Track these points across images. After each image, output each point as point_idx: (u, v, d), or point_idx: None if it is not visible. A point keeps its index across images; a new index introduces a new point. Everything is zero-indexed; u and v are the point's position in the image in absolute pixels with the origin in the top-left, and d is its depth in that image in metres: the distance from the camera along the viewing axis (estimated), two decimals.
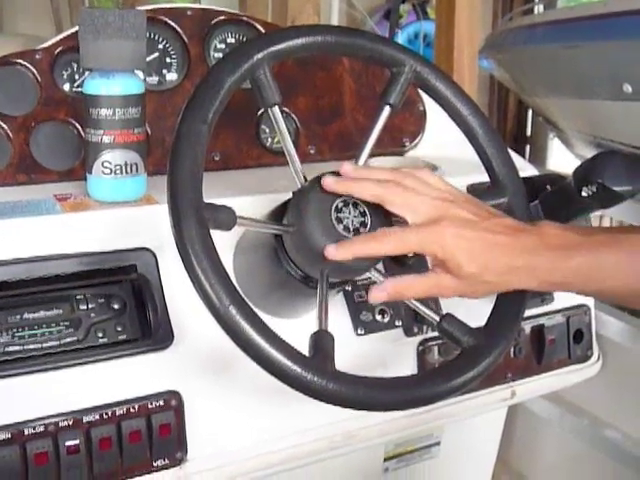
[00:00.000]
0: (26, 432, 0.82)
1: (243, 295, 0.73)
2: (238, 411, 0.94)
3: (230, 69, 0.80)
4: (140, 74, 0.97)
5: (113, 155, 0.93)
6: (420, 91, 0.98)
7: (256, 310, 0.73)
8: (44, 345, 0.86)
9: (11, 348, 0.84)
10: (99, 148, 0.93)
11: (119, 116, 0.92)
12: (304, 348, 0.75)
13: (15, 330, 0.85)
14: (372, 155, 0.90)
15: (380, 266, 0.97)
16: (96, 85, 0.92)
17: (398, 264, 1.05)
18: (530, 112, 4.66)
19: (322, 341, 0.76)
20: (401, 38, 3.78)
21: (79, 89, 1.05)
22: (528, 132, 4.78)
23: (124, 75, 0.92)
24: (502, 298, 0.86)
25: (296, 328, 0.86)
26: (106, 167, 0.94)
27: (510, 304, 0.85)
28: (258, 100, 0.83)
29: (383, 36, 0.84)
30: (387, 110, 0.88)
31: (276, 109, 0.83)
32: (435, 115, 1.25)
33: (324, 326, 0.77)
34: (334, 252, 0.77)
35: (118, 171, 0.94)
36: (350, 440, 1.01)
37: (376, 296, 0.79)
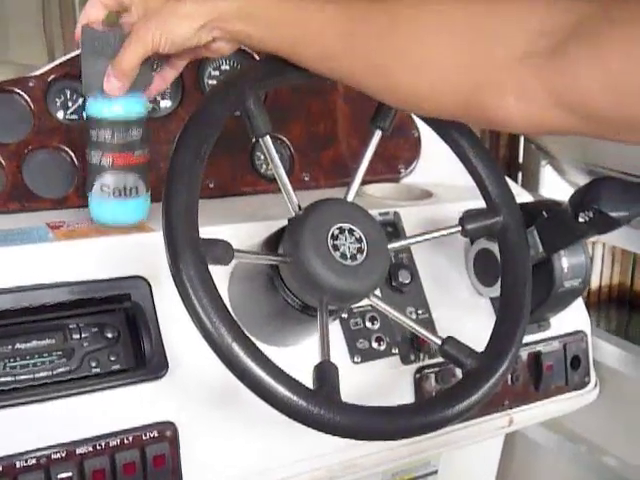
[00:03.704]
0: (18, 465, 0.80)
1: (242, 327, 0.72)
2: (234, 441, 0.92)
3: (220, 100, 0.80)
4: (143, 96, 0.96)
5: (112, 178, 0.92)
6: (415, 117, 0.98)
7: (253, 339, 0.73)
8: (36, 375, 0.84)
9: (2, 379, 0.83)
10: (98, 170, 0.92)
11: (118, 139, 0.91)
12: (304, 375, 0.74)
13: (7, 360, 0.84)
14: (367, 182, 0.90)
15: (377, 292, 0.97)
16: (98, 107, 0.91)
17: (393, 290, 1.05)
18: (522, 139, 4.69)
19: (326, 372, 0.75)
20: None
21: (73, 116, 1.05)
22: (520, 159, 4.81)
23: (126, 97, 0.90)
24: (501, 320, 0.86)
25: (294, 356, 0.86)
26: (105, 190, 0.93)
27: (509, 325, 0.85)
28: (249, 130, 0.83)
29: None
30: (378, 134, 0.88)
31: (267, 139, 0.83)
32: (430, 141, 1.25)
33: (327, 356, 0.76)
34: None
35: (117, 193, 0.93)
36: (349, 469, 0.99)
37: (114, 89, 0.86)
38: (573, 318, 1.20)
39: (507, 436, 1.44)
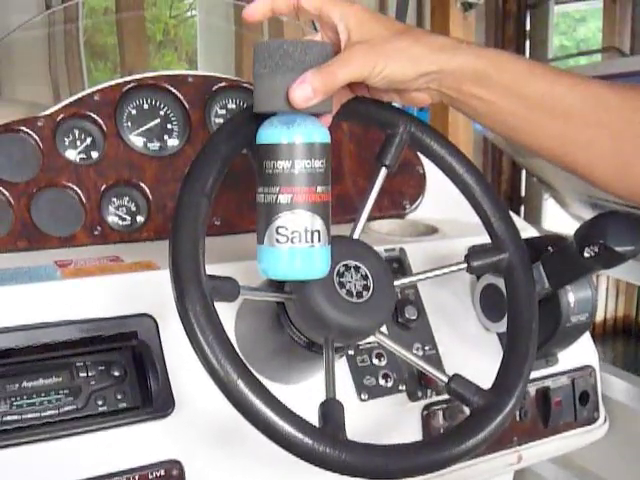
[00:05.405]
0: None
1: (248, 364, 0.72)
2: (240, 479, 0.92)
3: (226, 139, 0.80)
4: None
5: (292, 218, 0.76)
6: (420, 154, 0.99)
7: (259, 376, 0.73)
8: (43, 414, 0.84)
9: (9, 417, 0.83)
10: (273, 210, 0.76)
11: (299, 170, 0.75)
12: (310, 413, 0.74)
13: (13, 399, 0.83)
14: (372, 218, 0.90)
15: (384, 328, 0.97)
16: (275, 133, 0.75)
17: (400, 326, 1.05)
18: (524, 173, 4.71)
19: (332, 410, 0.75)
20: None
21: (81, 155, 1.06)
22: (522, 193, 4.83)
23: (308, 120, 0.76)
24: (508, 356, 0.86)
25: (300, 393, 0.85)
26: (282, 234, 0.77)
27: (517, 361, 0.85)
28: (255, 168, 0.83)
29: (377, 99, 0.85)
30: (383, 171, 0.88)
31: None
32: (435, 177, 1.25)
33: (332, 394, 0.76)
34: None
35: (296, 239, 0.77)
36: None
37: (303, 96, 0.72)
38: (581, 353, 1.19)
39: (516, 473, 1.42)
